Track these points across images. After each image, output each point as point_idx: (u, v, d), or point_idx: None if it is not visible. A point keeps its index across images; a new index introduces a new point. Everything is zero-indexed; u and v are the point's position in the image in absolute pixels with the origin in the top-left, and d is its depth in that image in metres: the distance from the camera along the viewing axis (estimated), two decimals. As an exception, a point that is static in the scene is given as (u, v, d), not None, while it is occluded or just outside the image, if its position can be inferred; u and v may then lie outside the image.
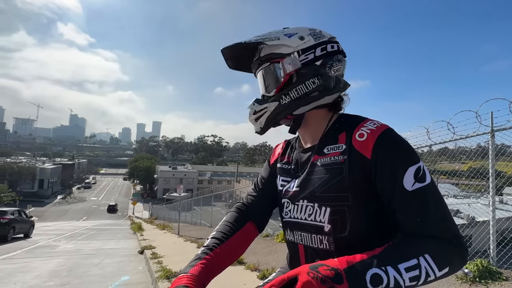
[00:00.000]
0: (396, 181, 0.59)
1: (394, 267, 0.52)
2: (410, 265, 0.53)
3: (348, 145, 0.66)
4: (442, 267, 0.54)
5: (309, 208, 0.70)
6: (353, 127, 0.68)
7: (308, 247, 0.70)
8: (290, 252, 0.80)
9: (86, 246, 8.45)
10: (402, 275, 0.51)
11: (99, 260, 6.03)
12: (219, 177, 57.35)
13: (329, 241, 0.66)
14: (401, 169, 0.60)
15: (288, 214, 0.76)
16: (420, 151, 6.05)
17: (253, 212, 0.86)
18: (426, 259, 0.53)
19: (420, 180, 0.59)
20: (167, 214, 21.14)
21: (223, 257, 0.71)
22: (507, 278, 2.92)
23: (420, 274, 0.52)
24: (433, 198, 0.59)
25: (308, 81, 0.71)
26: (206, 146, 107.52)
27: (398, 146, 0.63)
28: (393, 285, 0.51)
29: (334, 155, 0.68)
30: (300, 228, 0.72)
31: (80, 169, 69.54)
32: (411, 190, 0.59)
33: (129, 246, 8.40)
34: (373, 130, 0.65)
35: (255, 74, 0.81)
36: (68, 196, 48.12)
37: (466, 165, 7.00)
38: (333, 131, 0.73)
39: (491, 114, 3.47)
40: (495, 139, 3.53)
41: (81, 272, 4.93)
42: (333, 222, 0.65)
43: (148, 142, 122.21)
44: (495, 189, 3.46)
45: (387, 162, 0.61)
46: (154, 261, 5.21)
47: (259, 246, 6.10)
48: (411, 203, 0.59)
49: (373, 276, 0.50)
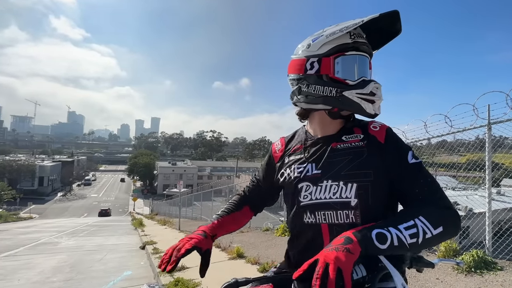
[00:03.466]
0: (403, 157, 0.78)
1: (395, 227, 0.63)
2: (408, 225, 0.64)
3: (365, 134, 0.83)
4: (436, 226, 0.65)
5: (333, 187, 0.78)
6: (366, 123, 0.87)
7: (333, 225, 0.76)
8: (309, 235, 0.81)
9: (88, 242, 8.52)
10: (403, 232, 0.63)
11: (101, 256, 6.10)
12: (219, 173, 57.48)
13: (355, 214, 0.75)
14: (405, 151, 0.80)
15: (308, 197, 0.81)
16: (419, 144, 6.09)
17: (251, 199, 1.07)
18: (421, 220, 0.65)
19: (416, 159, 0.78)
20: (168, 209, 21.26)
21: (228, 223, 0.99)
22: (502, 268, 2.98)
23: (418, 232, 0.63)
24: (425, 170, 0.77)
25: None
26: (205, 142, 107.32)
27: (399, 138, 0.84)
28: (397, 241, 0.61)
29: (354, 142, 0.82)
30: (324, 207, 0.78)
31: (80, 166, 69.52)
32: (411, 163, 0.77)
33: (130, 242, 8.48)
34: (382, 125, 0.85)
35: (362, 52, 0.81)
36: (69, 193, 48.22)
37: (464, 157, 7.05)
38: (347, 126, 0.88)
39: (488, 107, 3.49)
40: (492, 132, 3.56)
41: (84, 268, 5.00)
42: (359, 196, 0.75)
43: (147, 138, 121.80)
44: (491, 181, 3.49)
45: (396, 145, 0.80)
46: (155, 256, 5.27)
47: (259, 240, 6.17)
48: (412, 172, 0.76)
49: (378, 234, 0.61)
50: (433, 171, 17.55)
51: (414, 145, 5.78)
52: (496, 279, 2.75)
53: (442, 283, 2.81)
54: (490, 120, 3.50)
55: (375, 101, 0.78)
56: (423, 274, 3.03)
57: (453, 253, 3.39)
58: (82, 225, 15.67)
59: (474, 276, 2.88)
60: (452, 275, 2.97)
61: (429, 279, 2.91)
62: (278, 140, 1.01)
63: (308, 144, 0.89)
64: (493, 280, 2.74)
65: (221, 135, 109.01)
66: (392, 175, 0.77)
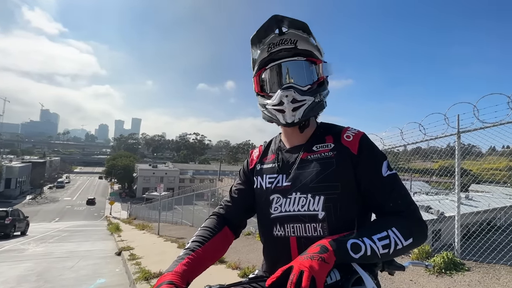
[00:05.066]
0: (377, 170, 0.77)
1: (369, 237, 0.65)
2: (382, 236, 0.66)
3: (337, 144, 0.80)
4: (407, 238, 0.67)
5: (302, 199, 0.76)
6: (339, 131, 0.83)
7: (301, 238, 0.75)
8: (277, 248, 0.80)
9: (58, 249, 8.02)
10: (376, 243, 0.64)
11: (72, 263, 5.76)
12: (202, 176, 56.64)
13: (323, 227, 0.73)
14: (379, 162, 0.78)
15: (279, 209, 0.79)
16: (396, 150, 6.37)
17: (230, 218, 0.91)
18: (394, 231, 0.67)
19: (390, 170, 0.78)
20: (147, 213, 20.57)
21: (204, 257, 0.77)
22: (469, 268, 3.16)
23: (390, 243, 0.65)
24: (399, 182, 0.77)
25: (326, 90, 0.84)
26: (188, 144, 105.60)
27: (374, 146, 0.82)
28: (370, 252, 0.63)
29: (324, 152, 0.80)
30: (293, 220, 0.77)
31: (52, 167, 65.74)
32: (386, 176, 0.76)
33: (105, 248, 8.10)
34: (356, 133, 0.82)
35: (278, 59, 0.80)
36: (39, 196, 45.24)
37: (436, 163, 7.46)
38: (319, 133, 0.85)
39: (458, 117, 3.73)
40: (462, 140, 3.79)
41: (53, 276, 4.69)
42: (326, 209, 0.74)
43: (127, 139, 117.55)
44: (460, 186, 3.72)
45: (370, 157, 0.78)
46: (132, 263, 5.06)
47: (241, 245, 6.12)
48: (385, 185, 0.75)
49: (352, 244, 0.63)
50: (408, 176, 18.39)
51: (392, 152, 6.06)
52: (464, 279, 2.91)
53: (415, 284, 2.93)
54: (460, 129, 3.73)
55: (285, 110, 0.76)
56: (397, 276, 3.14)
57: (425, 255, 3.55)
58: (52, 231, 14.76)
59: (444, 277, 3.02)
60: (424, 276, 3.10)
61: (404, 281, 3.02)
62: (257, 148, 1.00)
63: (279, 154, 0.87)
64: (461, 280, 2.89)
65: (204, 138, 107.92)
66: (366, 187, 0.76)
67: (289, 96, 0.75)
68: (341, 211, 0.74)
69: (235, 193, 0.94)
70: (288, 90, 0.75)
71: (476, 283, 2.79)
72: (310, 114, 0.78)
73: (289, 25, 0.78)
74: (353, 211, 0.75)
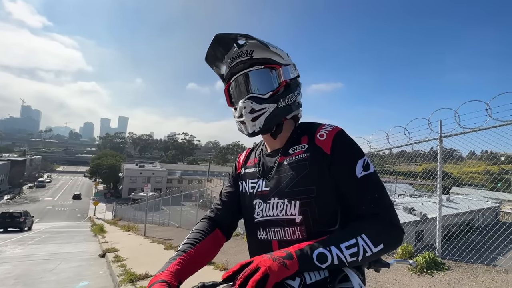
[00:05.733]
0: (350, 170, 0.73)
1: (336, 246, 0.63)
2: (350, 244, 0.64)
3: (310, 144, 0.78)
4: (377, 244, 0.65)
5: (279, 204, 0.77)
6: (314, 130, 0.81)
7: (282, 241, 0.76)
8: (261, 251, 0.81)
9: (38, 251, 7.71)
10: (343, 252, 0.63)
11: (53, 266, 5.55)
12: (190, 176, 55.91)
13: (301, 231, 0.74)
14: (354, 162, 0.74)
15: (260, 214, 0.81)
16: (382, 153, 6.56)
17: (220, 222, 0.93)
18: (363, 238, 0.65)
19: (366, 169, 0.74)
20: (133, 214, 20.10)
21: (196, 258, 0.79)
22: (449, 268, 3.30)
23: (358, 251, 0.64)
24: (375, 183, 0.73)
25: (294, 92, 0.83)
26: (176, 144, 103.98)
27: (349, 143, 0.77)
28: (337, 261, 0.62)
29: (298, 154, 0.79)
30: (273, 224, 0.78)
31: (33, 166, 63.09)
32: (360, 177, 0.73)
33: (89, 250, 7.86)
34: (330, 131, 0.78)
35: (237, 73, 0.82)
36: (18, 196, 43.27)
37: (420, 166, 7.72)
38: (296, 135, 0.85)
39: (440, 122, 3.88)
40: (444, 144, 3.95)
41: (32, 279, 4.50)
42: (303, 213, 0.74)
43: (113, 138, 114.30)
44: (441, 188, 3.87)
45: (343, 156, 0.75)
46: (117, 264, 4.94)
47: (229, 246, 6.10)
48: (359, 186, 0.73)
49: (319, 254, 0.62)
50: (393, 179, 18.83)
51: (378, 154, 6.22)
52: (444, 278, 3.03)
53: (398, 283, 3.02)
54: (442, 134, 3.89)
55: (245, 122, 0.78)
56: (382, 275, 3.23)
57: (408, 255, 3.67)
58: (32, 232, 14.16)
59: (426, 276, 3.14)
60: (407, 275, 3.20)
61: (388, 280, 3.11)
62: (245, 151, 1.01)
63: (261, 158, 0.88)
64: (441, 279, 3.01)
65: (193, 138, 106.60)
66: (340, 188, 0.74)
67: (247, 107, 0.77)
68: (319, 213, 0.73)
69: (224, 196, 0.96)
70: (245, 102, 0.77)
71: (456, 281, 2.91)
72: (274, 120, 0.78)
73: (246, 36, 0.79)
74: (332, 212, 0.74)
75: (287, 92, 0.80)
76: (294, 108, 0.82)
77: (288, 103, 0.80)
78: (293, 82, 0.83)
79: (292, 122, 0.87)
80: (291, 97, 0.81)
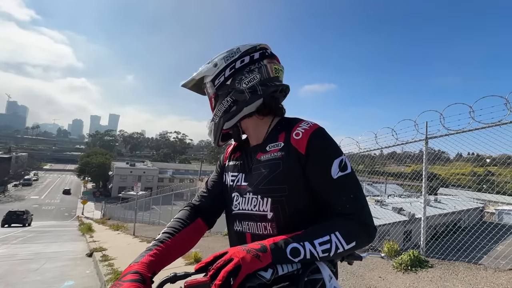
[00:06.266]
0: (325, 171, 0.73)
1: (310, 242, 0.65)
2: (323, 240, 0.66)
3: (286, 143, 0.78)
4: (349, 242, 0.67)
5: (254, 199, 0.79)
6: (291, 127, 0.80)
7: (255, 234, 0.78)
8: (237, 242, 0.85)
9: (22, 251, 7.50)
10: (316, 248, 0.65)
11: (37, 265, 5.42)
12: (182, 175, 55.49)
13: (272, 227, 0.76)
14: (329, 162, 0.73)
15: (238, 207, 0.83)
16: (373, 154, 6.67)
17: (203, 209, 0.93)
18: (336, 235, 0.67)
19: (343, 170, 0.73)
20: (122, 214, 19.81)
21: (174, 248, 0.79)
22: (432, 265, 3.39)
23: (331, 248, 0.66)
24: (351, 184, 0.73)
25: (224, 100, 0.83)
26: (168, 143, 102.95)
27: (326, 142, 0.76)
28: (309, 256, 0.64)
29: (274, 152, 0.79)
30: (248, 218, 0.80)
31: (19, 163, 61.25)
32: (335, 178, 0.72)
33: (76, 249, 7.70)
34: (306, 129, 0.76)
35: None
36: (2, 194, 41.99)
37: (410, 168, 7.88)
38: (275, 132, 0.84)
39: (426, 123, 3.98)
40: (432, 146, 4.06)
41: (15, 279, 4.39)
42: (274, 210, 0.76)
43: (103, 136, 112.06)
44: (427, 189, 3.97)
45: (318, 156, 0.74)
46: (104, 264, 4.86)
47: (219, 245, 6.09)
48: (334, 188, 0.72)
49: (292, 249, 0.64)
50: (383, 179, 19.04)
51: (369, 155, 6.32)
52: (427, 275, 3.11)
53: (383, 280, 3.08)
54: (428, 135, 3.99)
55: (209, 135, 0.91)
56: (368, 273, 3.29)
57: (394, 254, 3.75)
58: (16, 231, 13.77)
59: (410, 273, 3.22)
60: (392, 273, 3.28)
61: (373, 278, 3.17)
62: (233, 143, 1.01)
63: (243, 152, 0.90)
64: (424, 276, 3.09)
65: (185, 137, 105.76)
66: (314, 189, 0.74)
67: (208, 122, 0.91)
68: (289, 211, 0.75)
69: (210, 185, 0.97)
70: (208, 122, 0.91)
71: (438, 278, 3.00)
72: (217, 134, 0.87)
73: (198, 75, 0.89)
74: (303, 210, 0.75)
75: (217, 105, 0.85)
76: (232, 114, 0.83)
77: (220, 115, 0.84)
78: (222, 89, 0.83)
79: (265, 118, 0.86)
80: (220, 107, 0.83)
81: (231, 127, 0.86)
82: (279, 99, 0.87)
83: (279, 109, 0.87)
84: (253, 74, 0.81)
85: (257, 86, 0.81)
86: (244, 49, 0.83)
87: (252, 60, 0.82)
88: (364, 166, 7.58)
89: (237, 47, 0.84)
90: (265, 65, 0.83)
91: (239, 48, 0.84)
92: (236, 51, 0.83)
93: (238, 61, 0.82)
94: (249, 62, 0.82)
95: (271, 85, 0.82)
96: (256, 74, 0.82)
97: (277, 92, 0.84)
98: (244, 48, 0.84)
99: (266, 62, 0.83)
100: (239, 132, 0.89)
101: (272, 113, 0.86)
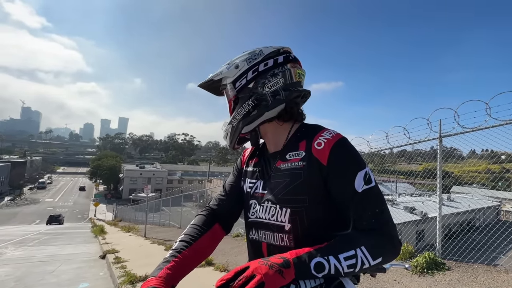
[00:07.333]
0: (349, 183, 0.69)
1: (335, 256, 0.62)
2: (349, 255, 0.63)
3: (307, 152, 0.74)
4: (375, 257, 0.64)
5: (272, 209, 0.77)
6: (312, 136, 0.76)
7: (271, 245, 0.76)
8: (253, 250, 0.84)
9: (38, 253, 7.70)
10: (341, 263, 0.62)
11: (53, 267, 5.54)
12: (190, 177, 55.88)
13: (289, 238, 0.73)
14: (352, 174, 0.70)
15: (255, 215, 0.81)
16: (383, 152, 6.54)
17: (221, 214, 0.91)
18: (362, 250, 0.63)
19: (367, 183, 0.70)
20: (133, 215, 20.10)
21: (191, 258, 0.76)
22: (449, 268, 3.29)
23: (357, 263, 0.62)
24: (376, 197, 0.70)
25: (245, 103, 0.80)
26: (176, 145, 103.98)
27: (349, 154, 0.73)
28: (334, 271, 0.61)
29: (294, 161, 0.76)
30: (264, 227, 0.78)
31: (33, 167, 63.17)
32: (360, 191, 0.69)
33: (89, 251, 7.85)
34: (329, 139, 0.73)
35: None
36: (18, 197, 43.33)
37: (421, 166, 7.71)
38: (295, 139, 0.80)
39: (440, 122, 3.87)
40: (444, 144, 3.94)
41: (33, 281, 4.50)
42: (292, 221, 0.73)
43: (113, 139, 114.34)
44: (441, 188, 3.86)
45: (341, 168, 0.71)
46: (117, 266, 4.94)
47: (229, 247, 6.09)
48: (358, 201, 0.69)
49: (316, 264, 0.61)
50: (394, 178, 18.75)
51: (378, 154, 6.21)
52: (445, 278, 3.02)
53: (399, 284, 3.01)
54: (441, 134, 3.88)
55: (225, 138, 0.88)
56: (382, 277, 3.22)
57: (408, 255, 3.66)
58: (32, 233, 14.16)
59: (426, 276, 3.13)
60: (407, 276, 3.19)
61: (388, 281, 3.10)
62: (250, 148, 0.99)
63: (261, 159, 0.88)
64: (442, 279, 3.00)
65: (193, 139, 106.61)
66: (336, 201, 0.71)
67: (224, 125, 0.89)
68: (308, 223, 0.72)
69: (228, 187, 0.96)
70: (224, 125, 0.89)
71: (456, 282, 2.90)
72: (234, 137, 0.84)
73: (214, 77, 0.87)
74: (321, 224, 0.73)
75: (237, 108, 0.82)
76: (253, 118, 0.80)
77: (239, 118, 0.81)
78: (243, 92, 0.80)
79: (284, 124, 0.83)
80: (240, 111, 0.80)
81: (250, 131, 0.83)
82: (300, 104, 0.84)
83: (299, 115, 0.84)
84: (276, 78, 0.79)
85: (280, 91, 0.78)
86: (267, 51, 0.80)
87: (276, 63, 0.80)
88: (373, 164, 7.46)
89: (260, 49, 0.81)
90: (289, 69, 0.80)
91: (262, 50, 0.81)
92: (259, 53, 0.81)
93: (261, 64, 0.79)
94: (272, 65, 0.80)
95: (294, 90, 0.79)
96: (279, 78, 0.79)
97: (299, 97, 0.81)
98: (267, 50, 0.81)
99: (289, 66, 0.80)
100: (258, 137, 0.87)
101: (292, 118, 0.83)
